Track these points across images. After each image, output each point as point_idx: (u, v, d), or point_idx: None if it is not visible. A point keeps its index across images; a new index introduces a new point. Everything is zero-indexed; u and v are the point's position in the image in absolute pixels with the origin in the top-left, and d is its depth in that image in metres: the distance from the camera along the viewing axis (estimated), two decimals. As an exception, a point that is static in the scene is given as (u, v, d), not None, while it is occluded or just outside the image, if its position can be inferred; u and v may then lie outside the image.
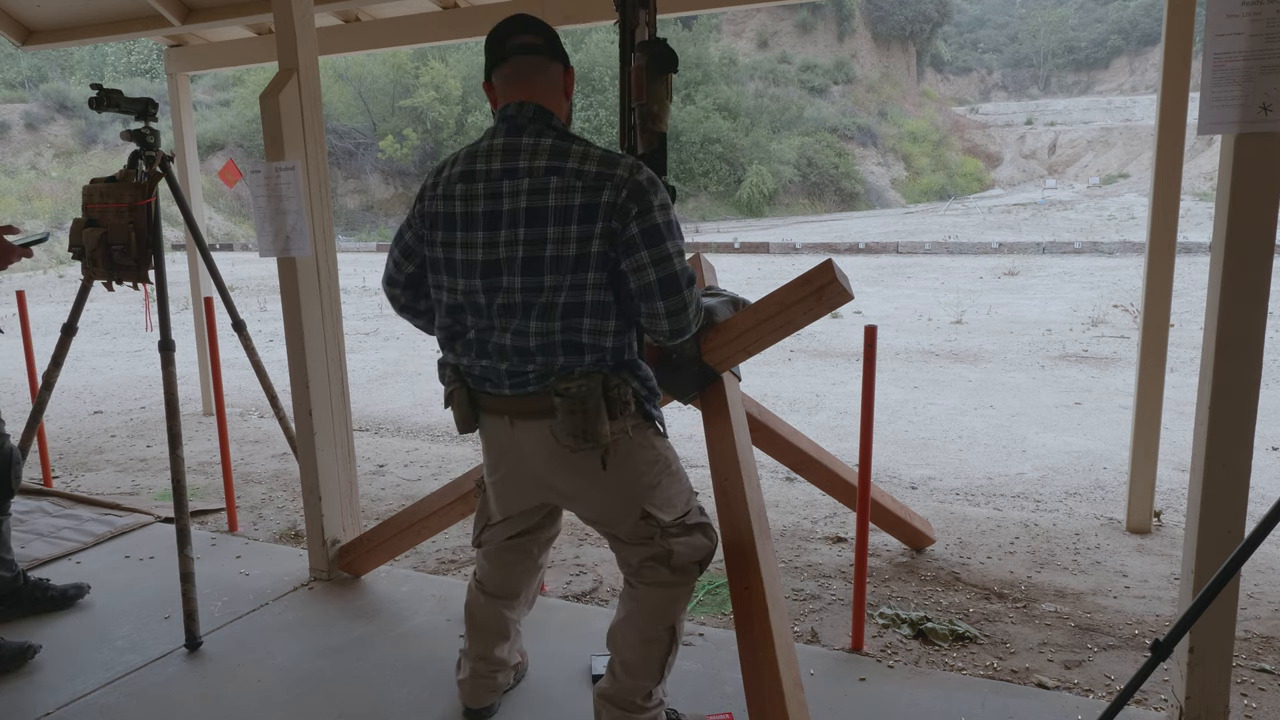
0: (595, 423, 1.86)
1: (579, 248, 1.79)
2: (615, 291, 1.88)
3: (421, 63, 33.50)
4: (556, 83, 1.91)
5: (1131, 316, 9.34)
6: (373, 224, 32.40)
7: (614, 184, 1.78)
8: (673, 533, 2.02)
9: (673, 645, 2.07)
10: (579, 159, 1.80)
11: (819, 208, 36.27)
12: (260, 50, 5.41)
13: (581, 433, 1.87)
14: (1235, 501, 2.09)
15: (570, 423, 1.86)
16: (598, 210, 1.78)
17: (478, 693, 2.34)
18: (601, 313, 1.87)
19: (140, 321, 11.08)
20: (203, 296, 4.76)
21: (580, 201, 1.78)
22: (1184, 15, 3.24)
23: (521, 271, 1.83)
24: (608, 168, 1.79)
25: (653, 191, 1.81)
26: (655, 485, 2.00)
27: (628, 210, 1.79)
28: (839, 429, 5.57)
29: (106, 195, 2.93)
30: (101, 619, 2.98)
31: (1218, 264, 2.06)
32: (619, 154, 1.86)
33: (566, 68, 1.95)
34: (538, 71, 1.88)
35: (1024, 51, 61.92)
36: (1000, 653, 2.70)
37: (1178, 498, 4.05)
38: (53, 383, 3.47)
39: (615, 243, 1.82)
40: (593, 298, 1.84)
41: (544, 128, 1.86)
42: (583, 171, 1.79)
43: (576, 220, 1.78)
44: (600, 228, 1.79)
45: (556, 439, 1.91)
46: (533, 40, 1.87)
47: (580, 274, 1.81)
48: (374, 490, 4.35)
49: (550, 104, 1.89)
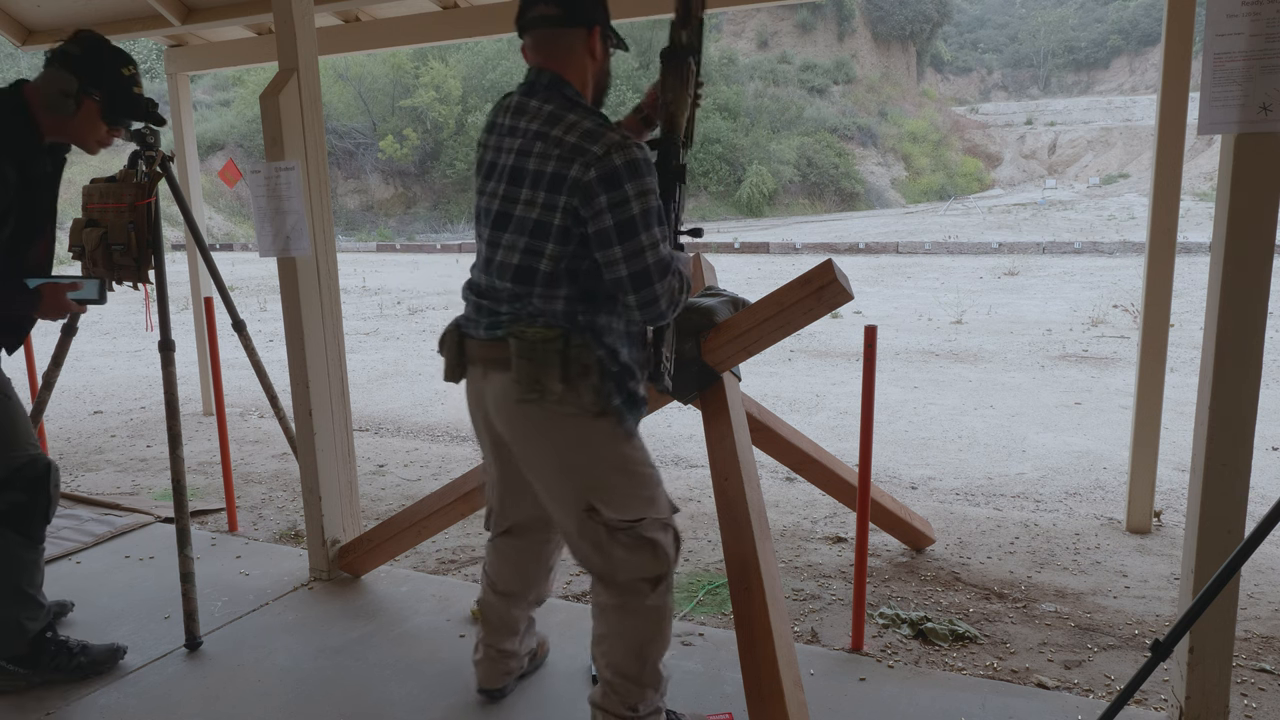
0: (544, 374, 1.84)
1: (541, 214, 1.83)
2: (573, 266, 1.86)
3: (421, 63, 33.50)
4: (576, 48, 1.91)
5: (1131, 316, 9.34)
6: (373, 224, 32.40)
7: (585, 160, 1.77)
8: (620, 538, 1.96)
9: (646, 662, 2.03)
10: (565, 129, 1.82)
11: (819, 208, 36.27)
12: (260, 50, 5.41)
13: (529, 380, 1.85)
14: (1235, 501, 2.09)
15: (520, 368, 1.86)
16: (564, 183, 1.79)
17: (491, 675, 2.41)
18: (552, 283, 1.86)
19: (140, 321, 11.08)
20: (203, 296, 4.76)
21: (551, 169, 1.81)
22: (1184, 15, 3.24)
23: (492, 225, 1.92)
24: (587, 142, 1.78)
25: (630, 177, 1.77)
26: (607, 481, 1.95)
27: (594, 194, 1.77)
28: (839, 429, 5.57)
29: (106, 195, 2.92)
30: (101, 619, 2.98)
31: (1218, 264, 2.06)
32: (608, 131, 1.80)
33: (591, 27, 1.91)
34: (554, 41, 1.90)
35: (1024, 51, 61.92)
36: (1000, 653, 2.70)
37: (1178, 498, 4.05)
38: (53, 383, 3.47)
39: (580, 223, 1.81)
40: (545, 267, 1.85)
41: (552, 94, 1.89)
42: (562, 141, 1.81)
43: (545, 187, 1.82)
44: (564, 201, 1.80)
45: (511, 389, 1.90)
46: (547, 11, 1.89)
47: (538, 241, 1.85)
48: (374, 490, 4.35)
49: (567, 70, 1.91)
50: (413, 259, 21.79)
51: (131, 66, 2.45)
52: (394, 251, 24.28)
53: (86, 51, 2.37)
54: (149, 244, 2.88)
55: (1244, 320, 2.04)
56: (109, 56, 2.41)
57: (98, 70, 2.38)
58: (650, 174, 1.82)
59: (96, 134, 2.44)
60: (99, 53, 2.39)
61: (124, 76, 2.42)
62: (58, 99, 2.34)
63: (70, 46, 2.37)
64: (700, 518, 3.88)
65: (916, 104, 47.47)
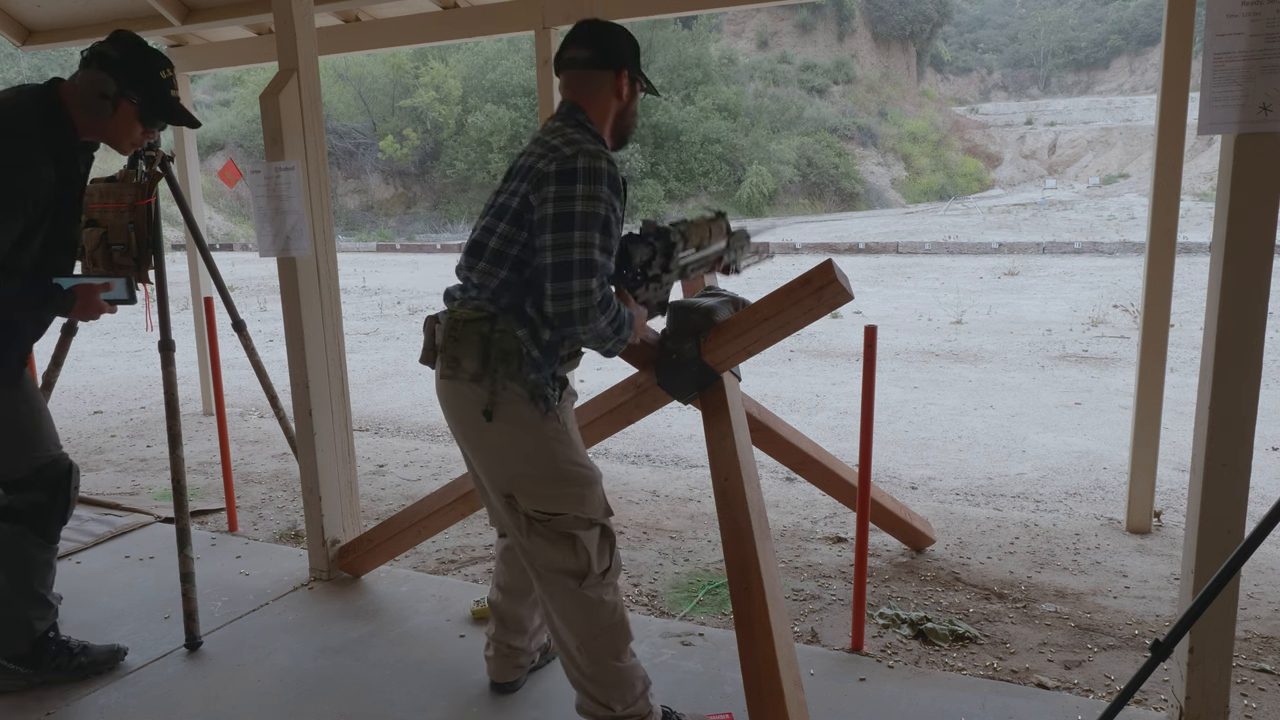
0: (463, 354, 1.94)
1: (506, 199, 1.98)
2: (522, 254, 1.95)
3: (421, 63, 33.50)
4: (603, 88, 2.05)
5: (1131, 316, 9.34)
6: (373, 224, 32.40)
7: (553, 157, 1.89)
8: (538, 529, 1.99)
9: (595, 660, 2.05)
10: (558, 137, 1.95)
11: (819, 208, 36.27)
12: (260, 50, 5.41)
13: (449, 358, 1.96)
14: (1235, 501, 2.09)
15: (445, 346, 1.98)
16: (530, 173, 1.93)
17: (502, 670, 2.46)
18: (497, 260, 1.96)
19: (140, 321, 11.07)
20: (203, 296, 4.76)
21: (528, 163, 1.96)
22: (1184, 15, 3.24)
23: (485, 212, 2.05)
24: (565, 146, 1.91)
25: (585, 179, 1.85)
26: (525, 471, 1.99)
27: (546, 183, 1.87)
28: (839, 429, 5.57)
29: (106, 195, 2.92)
30: (101, 619, 2.98)
31: (1218, 264, 2.06)
32: (589, 141, 1.93)
33: (619, 71, 2.05)
34: (584, 80, 2.05)
35: (1024, 51, 61.91)
36: (1000, 653, 2.70)
37: (1178, 498, 4.05)
38: (53, 383, 3.47)
39: (530, 209, 1.92)
40: (494, 244, 1.96)
41: (567, 117, 2.03)
42: (549, 143, 1.94)
43: (517, 177, 1.98)
44: (524, 188, 1.93)
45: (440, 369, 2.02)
46: (577, 54, 2.04)
47: (496, 221, 1.98)
48: (374, 490, 4.35)
49: (589, 103, 2.05)
50: (413, 259, 21.79)
51: (169, 69, 2.44)
52: (394, 251, 24.28)
53: (126, 54, 2.35)
54: (149, 244, 2.88)
55: (1244, 320, 2.04)
56: (148, 59, 2.39)
57: (137, 73, 2.36)
58: (606, 185, 1.87)
59: (132, 136, 2.44)
60: (138, 55, 2.37)
61: (161, 80, 2.41)
62: (95, 101, 2.32)
63: (108, 48, 2.33)
64: (700, 518, 3.88)
65: (916, 104, 47.47)
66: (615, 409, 2.55)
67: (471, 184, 33.57)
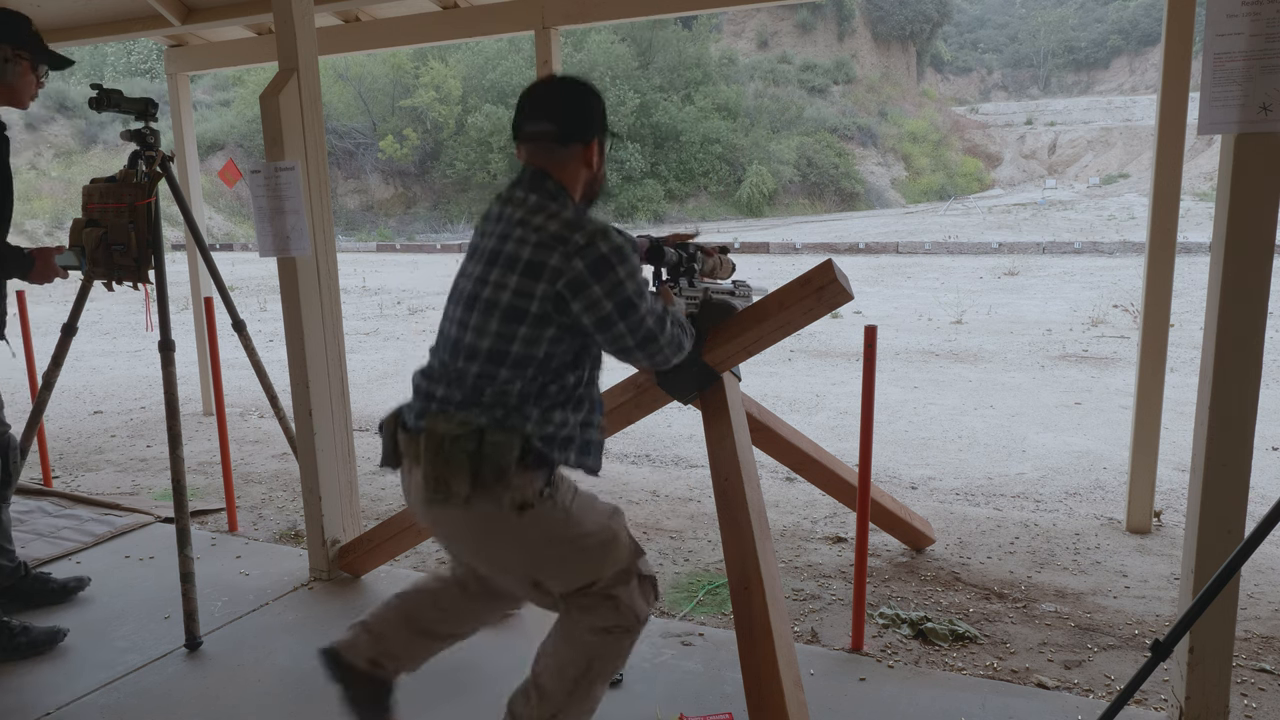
0: (452, 475, 1.75)
1: (514, 299, 1.79)
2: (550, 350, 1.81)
3: (421, 63, 33.50)
4: (571, 160, 1.90)
5: (1131, 316, 9.34)
6: (373, 224, 32.40)
7: (566, 250, 1.76)
8: (574, 600, 1.88)
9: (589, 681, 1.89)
10: (545, 216, 1.81)
11: (819, 208, 36.27)
12: (260, 50, 5.41)
13: (434, 480, 1.76)
14: (1235, 501, 2.09)
15: (427, 466, 1.77)
16: (544, 270, 1.77)
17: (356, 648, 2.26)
18: (521, 364, 1.80)
19: (140, 321, 11.08)
20: (203, 296, 4.76)
21: (528, 255, 1.78)
22: (1184, 15, 3.24)
23: (463, 305, 1.87)
24: (567, 230, 1.78)
25: (618, 261, 1.78)
26: (545, 562, 1.86)
27: (587, 284, 1.76)
28: (839, 429, 5.57)
29: (106, 195, 2.92)
30: (101, 619, 2.98)
31: (1218, 264, 2.06)
32: (587, 220, 1.81)
33: (588, 143, 1.90)
34: (547, 154, 1.89)
35: (1024, 51, 61.92)
36: (1000, 653, 2.70)
37: (1178, 498, 4.05)
38: (53, 383, 3.47)
39: (563, 311, 1.79)
40: (518, 349, 1.80)
41: (535, 186, 1.87)
42: (542, 228, 1.79)
43: (519, 272, 1.79)
44: (542, 289, 1.77)
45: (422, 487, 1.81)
46: (541, 129, 1.88)
47: (510, 325, 1.79)
48: (374, 490, 4.35)
49: (558, 173, 1.89)
50: (413, 259, 21.79)
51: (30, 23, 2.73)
52: (394, 251, 24.28)
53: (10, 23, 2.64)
54: (149, 244, 2.88)
55: (1244, 320, 2.04)
56: (21, 19, 2.68)
57: (20, 32, 2.66)
58: (634, 253, 1.82)
59: (31, 89, 2.72)
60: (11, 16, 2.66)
61: (35, 33, 2.71)
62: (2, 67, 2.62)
63: None
64: (700, 518, 3.88)
65: (916, 104, 47.47)
66: (615, 409, 2.55)
67: (471, 184, 33.57)
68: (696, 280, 2.40)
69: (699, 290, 2.40)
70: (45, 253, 2.73)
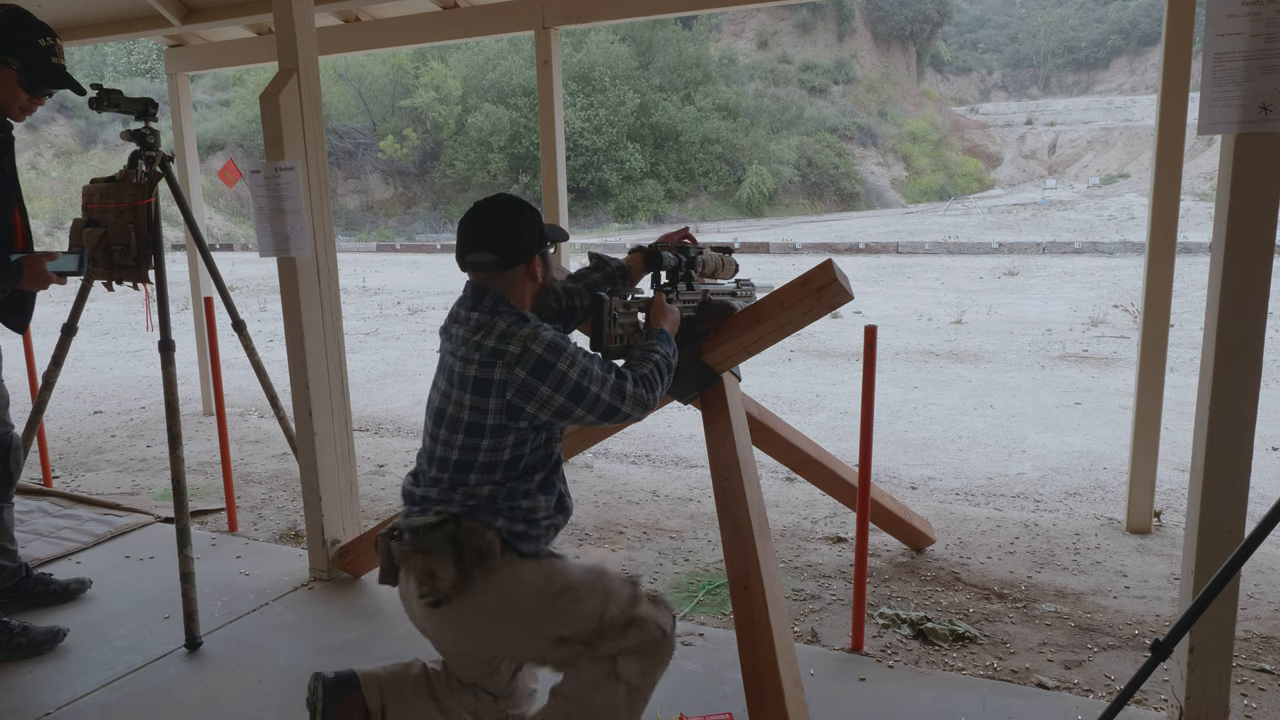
0: (435, 563, 1.82)
1: (472, 415, 1.88)
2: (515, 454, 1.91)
3: (421, 63, 33.51)
4: (514, 281, 1.97)
5: (1131, 316, 9.34)
6: (373, 224, 32.41)
7: (505, 362, 1.85)
8: (605, 642, 1.87)
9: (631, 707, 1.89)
10: (483, 334, 1.89)
11: (819, 208, 36.28)
12: (260, 50, 5.41)
13: (422, 574, 1.83)
14: (1235, 501, 2.09)
15: (413, 565, 1.85)
16: (490, 386, 1.86)
17: None
18: (488, 469, 1.90)
19: (140, 321, 11.09)
20: (203, 296, 4.76)
21: (474, 373, 1.88)
22: (1184, 15, 3.24)
23: (433, 420, 1.97)
24: (501, 343, 1.86)
25: (556, 356, 1.85)
26: (550, 614, 1.87)
27: (534, 388, 1.85)
28: (839, 429, 5.57)
29: (106, 195, 2.92)
30: (101, 619, 2.98)
31: (1218, 264, 2.06)
32: (519, 327, 1.87)
33: (529, 260, 1.96)
34: (495, 279, 1.96)
35: (1024, 51, 61.91)
36: (1000, 653, 2.70)
37: (1178, 498, 4.05)
38: (53, 383, 3.47)
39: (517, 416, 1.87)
40: (483, 459, 1.90)
41: (477, 304, 1.95)
42: (481, 345, 1.88)
43: (470, 390, 1.88)
44: (494, 403, 1.86)
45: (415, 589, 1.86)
46: (484, 258, 1.93)
47: (473, 439, 1.89)
48: (374, 490, 4.35)
49: (509, 293, 1.96)
50: (413, 259, 21.79)
51: (49, 37, 2.60)
52: (394, 251, 24.29)
53: (3, 24, 2.53)
54: (149, 244, 2.88)
55: (1244, 320, 2.04)
56: (25, 28, 2.56)
57: (14, 41, 2.53)
58: (567, 343, 1.90)
59: (18, 100, 2.60)
60: (15, 25, 2.54)
61: (40, 47, 2.57)
62: None
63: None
64: (700, 518, 3.88)
65: (916, 104, 47.47)
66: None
67: (471, 184, 33.58)
68: (696, 283, 2.40)
69: (698, 293, 2.40)
70: (35, 259, 2.60)
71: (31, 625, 2.76)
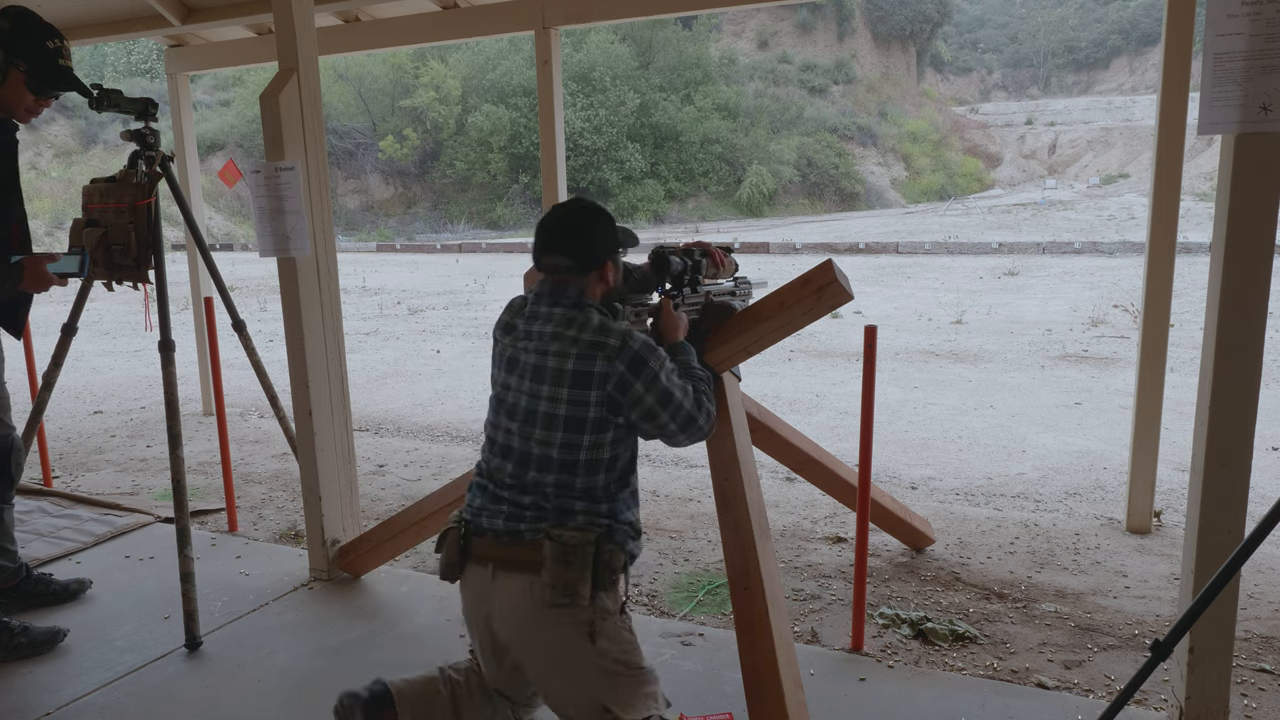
0: (579, 579, 1.84)
1: (571, 409, 1.91)
2: (614, 452, 1.96)
3: (421, 63, 33.50)
4: (590, 282, 2.01)
5: (1131, 316, 9.34)
6: (373, 224, 32.40)
7: (606, 354, 1.89)
8: None
9: None
10: (578, 329, 1.92)
11: (819, 208, 36.27)
12: (260, 50, 5.41)
13: (562, 584, 1.84)
14: (1235, 501, 2.09)
15: (554, 573, 1.85)
16: (591, 379, 1.90)
17: None
18: (592, 469, 1.93)
19: (140, 321, 11.09)
20: (203, 296, 4.76)
21: (572, 367, 1.90)
22: (1184, 15, 3.24)
23: (522, 420, 1.96)
24: (600, 336, 1.90)
25: (647, 353, 1.91)
26: (617, 683, 1.89)
27: (629, 382, 1.90)
28: (839, 429, 5.57)
29: (106, 195, 2.92)
30: (101, 619, 2.98)
31: (1218, 264, 2.06)
32: (613, 323, 1.94)
33: (603, 265, 2.00)
34: (571, 280, 1.99)
35: (1024, 51, 61.90)
36: (1000, 653, 2.70)
37: (1178, 498, 4.05)
38: (53, 383, 3.47)
39: (617, 411, 1.92)
40: (585, 457, 1.92)
41: (559, 299, 1.98)
42: (578, 340, 1.91)
43: (569, 384, 1.91)
44: (595, 395, 1.90)
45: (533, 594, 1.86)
46: (560, 261, 1.97)
47: (574, 434, 1.91)
48: (374, 490, 4.35)
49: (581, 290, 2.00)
50: (413, 259, 21.79)
51: (57, 40, 2.59)
52: (394, 251, 24.29)
53: (13, 25, 2.51)
54: (149, 244, 2.88)
55: (1244, 320, 2.04)
56: (33, 29, 2.54)
57: (22, 42, 2.52)
58: (658, 346, 1.96)
59: (24, 102, 2.60)
60: (24, 26, 2.53)
61: (48, 49, 2.56)
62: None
63: None
64: (700, 518, 3.88)
65: (916, 104, 47.47)
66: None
67: (471, 184, 33.58)
68: (701, 285, 2.40)
69: (701, 295, 2.40)
70: (35, 261, 2.59)
71: (31, 625, 2.76)
